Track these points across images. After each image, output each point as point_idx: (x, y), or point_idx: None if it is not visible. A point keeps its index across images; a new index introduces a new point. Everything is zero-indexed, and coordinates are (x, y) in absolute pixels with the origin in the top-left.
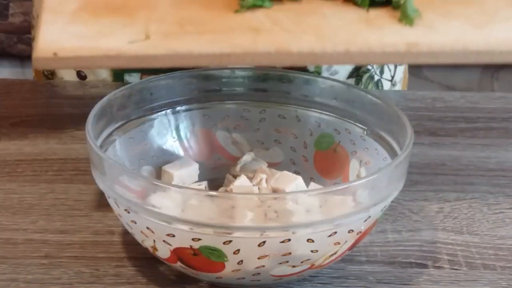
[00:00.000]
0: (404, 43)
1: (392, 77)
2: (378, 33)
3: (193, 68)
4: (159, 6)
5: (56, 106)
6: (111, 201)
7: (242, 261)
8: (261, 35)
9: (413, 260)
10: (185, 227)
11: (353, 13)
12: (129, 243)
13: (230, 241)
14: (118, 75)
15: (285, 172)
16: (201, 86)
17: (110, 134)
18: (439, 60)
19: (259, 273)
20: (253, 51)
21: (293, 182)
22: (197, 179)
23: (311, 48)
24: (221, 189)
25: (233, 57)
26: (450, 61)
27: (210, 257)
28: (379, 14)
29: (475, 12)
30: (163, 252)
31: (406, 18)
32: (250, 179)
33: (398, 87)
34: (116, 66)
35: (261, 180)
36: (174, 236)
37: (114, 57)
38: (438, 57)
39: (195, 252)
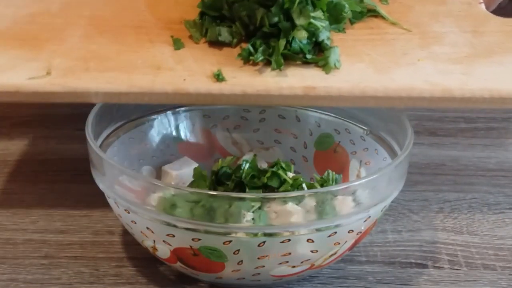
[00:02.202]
0: (302, 86)
1: None
2: (278, 75)
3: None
4: (69, 38)
5: (56, 106)
6: (111, 201)
7: (242, 261)
8: (161, 75)
9: (413, 260)
10: (185, 227)
11: None
12: (129, 243)
13: (230, 241)
14: None
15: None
16: None
17: (110, 134)
18: (338, 103)
19: (259, 273)
20: (150, 91)
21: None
22: None
23: (208, 89)
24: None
25: (131, 95)
26: (349, 105)
27: (210, 257)
28: None
29: (382, 54)
30: (163, 252)
31: (326, 66)
32: None
33: None
34: (17, 101)
35: None
36: (174, 236)
37: (13, 93)
38: (336, 101)
39: (195, 252)
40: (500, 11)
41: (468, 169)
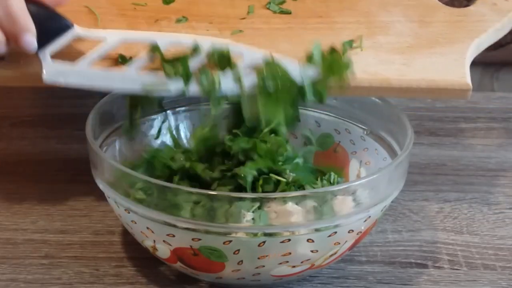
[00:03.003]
0: None
1: None
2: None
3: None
4: None
5: (56, 106)
6: (111, 201)
7: (242, 261)
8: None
9: (413, 260)
10: (185, 227)
11: None
12: (129, 243)
13: (230, 241)
14: None
15: None
16: None
17: (110, 134)
18: None
19: (259, 273)
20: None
21: None
22: None
23: None
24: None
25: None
26: None
27: (210, 257)
28: None
29: (328, 44)
30: (163, 252)
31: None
32: None
33: None
34: None
35: None
36: (174, 236)
37: None
38: None
39: (195, 252)
40: None
41: (468, 169)
